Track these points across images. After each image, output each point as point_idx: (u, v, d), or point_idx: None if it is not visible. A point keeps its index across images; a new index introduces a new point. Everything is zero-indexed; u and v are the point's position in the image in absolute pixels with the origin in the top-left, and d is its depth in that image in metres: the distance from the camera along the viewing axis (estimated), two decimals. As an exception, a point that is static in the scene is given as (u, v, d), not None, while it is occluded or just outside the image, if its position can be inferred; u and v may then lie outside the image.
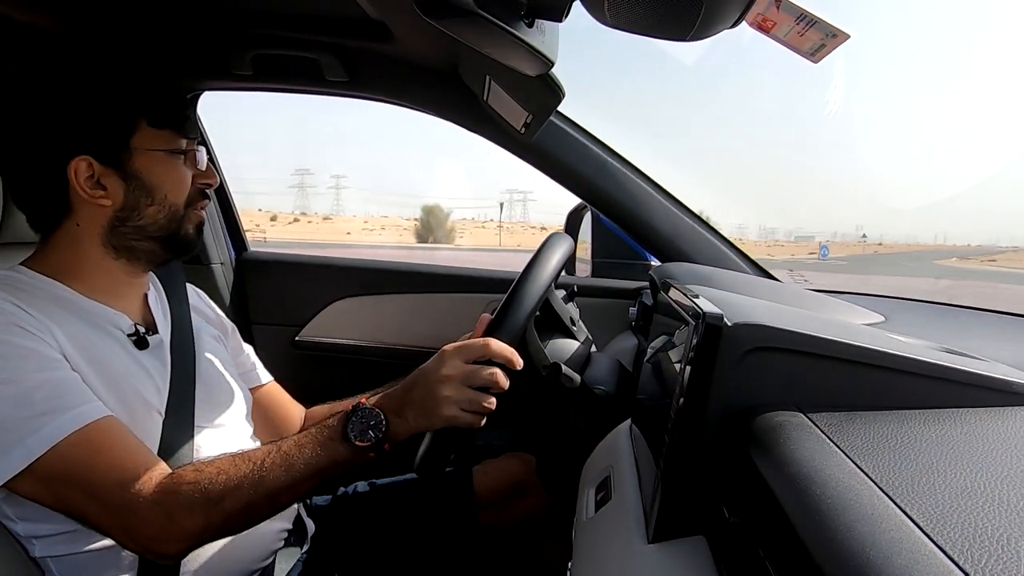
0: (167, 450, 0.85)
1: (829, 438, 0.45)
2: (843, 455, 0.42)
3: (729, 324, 0.52)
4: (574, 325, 0.99)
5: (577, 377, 0.89)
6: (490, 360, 0.78)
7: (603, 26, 0.58)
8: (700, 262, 1.32)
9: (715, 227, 1.36)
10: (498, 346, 0.78)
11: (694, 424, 0.53)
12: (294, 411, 1.17)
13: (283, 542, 0.99)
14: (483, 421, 0.79)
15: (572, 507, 0.84)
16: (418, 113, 1.37)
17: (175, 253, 0.95)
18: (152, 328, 0.94)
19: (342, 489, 1.19)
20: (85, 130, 0.85)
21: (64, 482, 0.73)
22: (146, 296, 0.97)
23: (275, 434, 1.11)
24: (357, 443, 0.76)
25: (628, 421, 0.87)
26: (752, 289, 0.96)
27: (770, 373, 0.53)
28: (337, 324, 1.63)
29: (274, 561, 0.97)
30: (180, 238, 0.92)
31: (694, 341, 0.53)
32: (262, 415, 1.12)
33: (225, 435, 0.95)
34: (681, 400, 0.54)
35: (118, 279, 0.91)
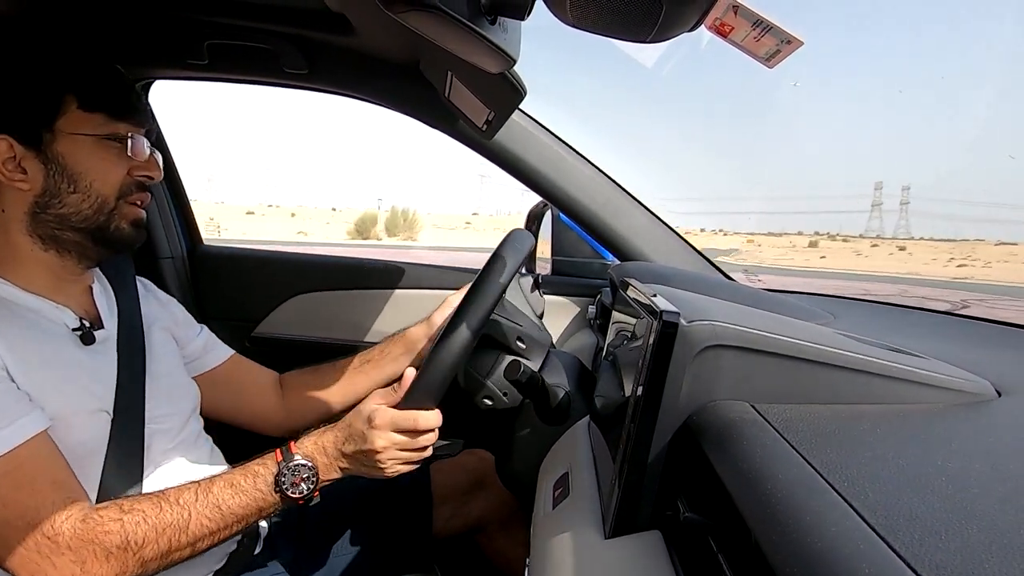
0: (116, 452, 0.82)
1: (779, 433, 0.46)
2: (792, 449, 0.43)
3: (685, 323, 0.53)
4: (520, 343, 1.00)
5: (536, 374, 0.89)
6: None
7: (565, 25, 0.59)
8: (658, 262, 1.34)
9: (672, 227, 1.38)
10: (426, 420, 0.82)
11: (650, 420, 0.54)
12: (264, 378, 1.14)
13: (237, 544, 0.96)
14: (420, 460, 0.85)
15: (530, 504, 0.84)
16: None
17: (108, 248, 0.89)
18: (97, 323, 0.89)
19: None
20: (4, 109, 0.80)
21: None
22: (91, 289, 0.92)
23: (247, 406, 1.11)
24: (289, 494, 0.77)
25: (586, 418, 0.88)
26: (708, 289, 0.98)
27: (724, 370, 0.54)
28: (295, 320, 1.60)
29: (227, 563, 0.94)
30: (111, 233, 0.86)
31: (651, 339, 0.54)
32: (230, 389, 1.10)
33: (175, 433, 0.92)
34: (638, 397, 0.54)
35: (54, 272, 0.86)
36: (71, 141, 0.82)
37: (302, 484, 0.78)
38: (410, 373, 0.86)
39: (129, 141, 0.85)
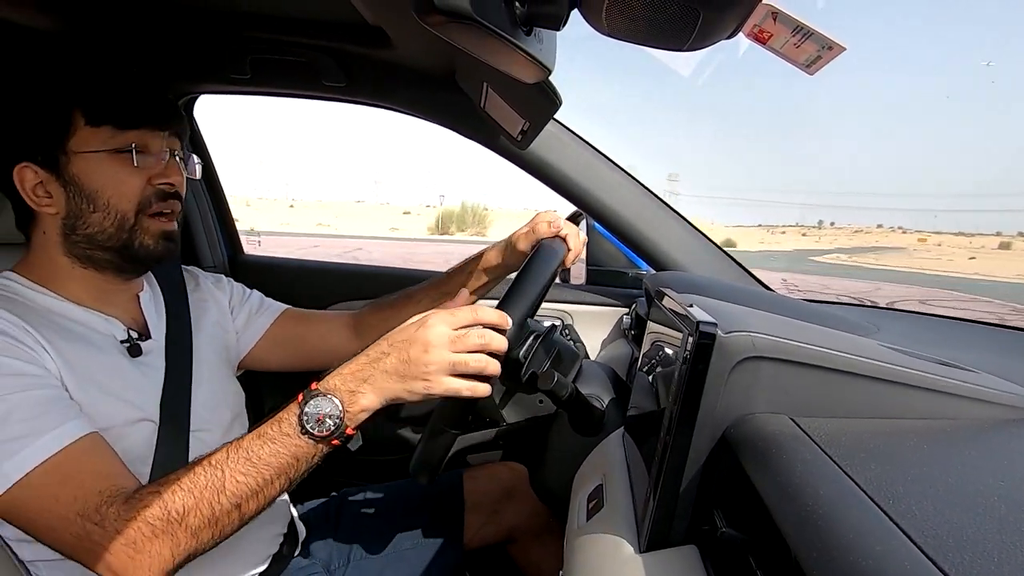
0: (161, 461, 0.83)
1: (820, 448, 0.45)
2: (834, 465, 0.42)
3: (722, 334, 0.52)
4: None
5: (570, 385, 0.89)
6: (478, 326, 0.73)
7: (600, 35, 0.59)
8: (694, 271, 1.32)
9: (708, 236, 1.36)
10: (487, 312, 0.73)
11: (686, 433, 0.53)
12: (328, 324, 1.14)
13: (279, 546, 0.98)
14: (486, 390, 0.73)
15: (564, 515, 0.84)
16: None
17: (140, 264, 0.89)
18: (145, 332, 0.91)
19: (333, 493, 1.19)
20: (23, 136, 0.81)
21: (31, 511, 0.70)
22: (139, 297, 0.94)
23: (317, 353, 1.12)
24: (316, 434, 0.70)
25: (621, 429, 0.87)
26: (746, 299, 0.96)
27: (762, 382, 0.53)
28: None
29: (270, 565, 0.96)
30: (136, 251, 0.85)
31: (687, 350, 0.53)
32: (293, 342, 1.12)
33: (218, 440, 0.93)
34: (674, 409, 0.54)
35: (99, 286, 0.87)
36: (83, 159, 0.81)
37: (326, 420, 0.70)
38: (465, 292, 0.82)
39: (134, 151, 0.82)
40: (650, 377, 0.73)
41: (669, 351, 0.64)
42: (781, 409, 0.53)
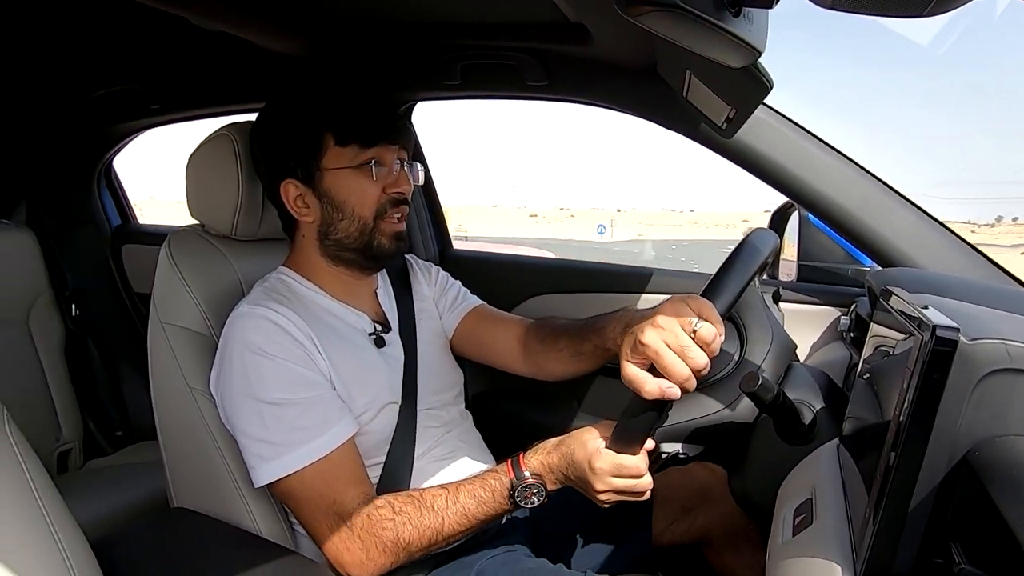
0: (399, 437, 0.97)
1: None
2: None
3: (966, 340, 0.46)
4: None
5: (776, 388, 0.83)
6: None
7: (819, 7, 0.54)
8: (930, 268, 1.16)
9: (949, 227, 1.18)
10: (633, 467, 0.81)
11: (917, 451, 0.47)
12: (504, 334, 1.17)
13: None
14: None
15: (764, 525, 0.79)
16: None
17: (377, 262, 1.02)
18: (385, 324, 1.05)
19: None
20: (287, 156, 0.96)
21: (295, 499, 0.87)
22: (376, 293, 1.08)
23: (491, 356, 1.18)
24: (522, 505, 0.85)
25: (835, 440, 0.80)
26: (999, 301, 0.82)
27: (1018, 399, 0.45)
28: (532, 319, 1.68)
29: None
30: (375, 250, 0.98)
31: (921, 358, 0.47)
32: (475, 340, 1.19)
33: (443, 417, 1.06)
34: (902, 423, 0.48)
35: (347, 282, 1.02)
36: (333, 175, 0.95)
37: (533, 497, 0.85)
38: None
39: (373, 167, 0.95)
40: (872, 385, 0.66)
41: (896, 358, 0.57)
42: (1044, 433, 0.45)
